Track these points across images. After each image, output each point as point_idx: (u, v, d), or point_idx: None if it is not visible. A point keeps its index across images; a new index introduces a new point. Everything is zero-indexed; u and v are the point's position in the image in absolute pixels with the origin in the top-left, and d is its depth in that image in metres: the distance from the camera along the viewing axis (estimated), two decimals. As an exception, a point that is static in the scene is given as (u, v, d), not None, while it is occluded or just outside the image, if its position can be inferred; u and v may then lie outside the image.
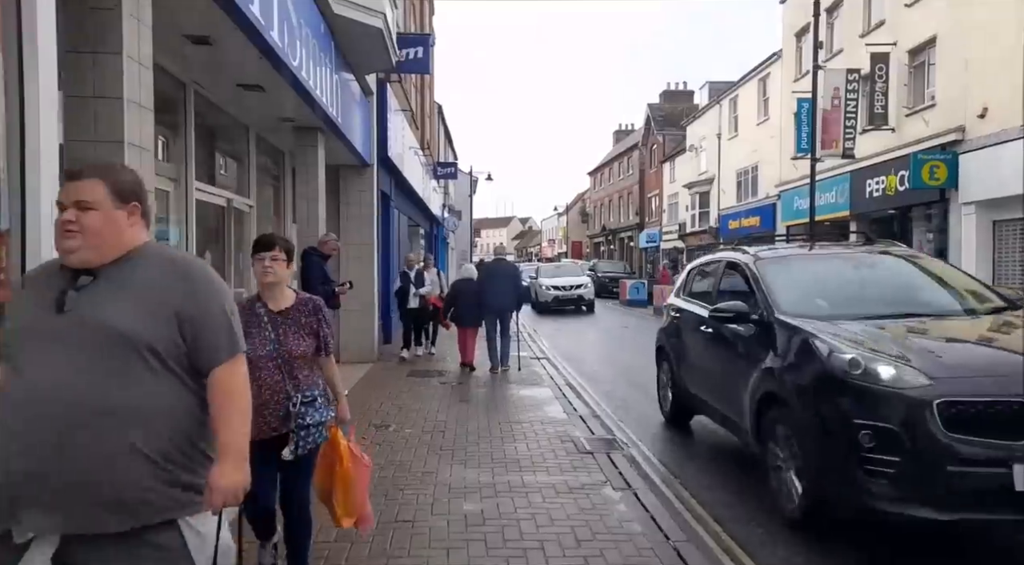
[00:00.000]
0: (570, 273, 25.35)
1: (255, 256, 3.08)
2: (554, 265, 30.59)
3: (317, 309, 3.17)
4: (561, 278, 24.18)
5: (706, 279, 6.56)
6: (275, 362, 3.01)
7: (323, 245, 7.70)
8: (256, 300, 3.13)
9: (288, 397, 3.01)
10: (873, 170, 18.41)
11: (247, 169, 7.77)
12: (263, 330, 3.03)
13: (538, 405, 7.64)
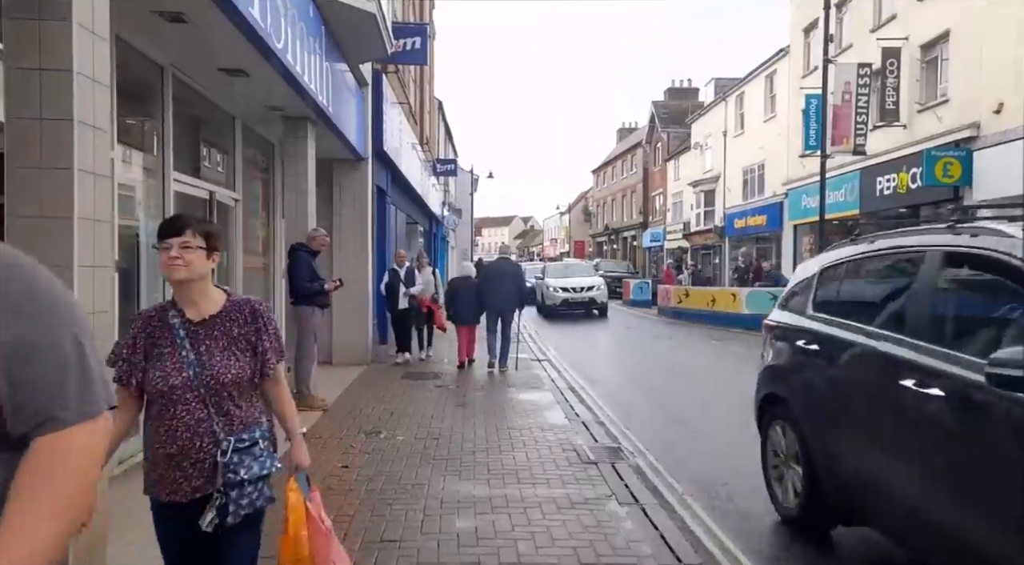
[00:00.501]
0: (580, 273, 22.83)
1: (160, 244, 2.17)
2: (563, 264, 28.18)
3: (256, 315, 2.26)
4: (571, 279, 21.53)
5: (871, 283, 4.08)
6: (196, 393, 2.14)
7: (312, 240, 7.32)
8: (169, 307, 2.22)
9: (216, 442, 2.15)
10: (884, 168, 17.99)
11: (233, 161, 7.39)
12: (178, 349, 2.16)
13: (538, 410, 7.25)
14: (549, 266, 24.72)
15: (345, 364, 10.21)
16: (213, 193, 6.60)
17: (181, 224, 2.20)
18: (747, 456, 5.68)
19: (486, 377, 9.52)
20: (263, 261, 8.55)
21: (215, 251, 2.25)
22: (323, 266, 10.44)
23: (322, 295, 7.24)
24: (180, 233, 2.17)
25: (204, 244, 2.19)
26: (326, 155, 10.00)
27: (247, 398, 2.26)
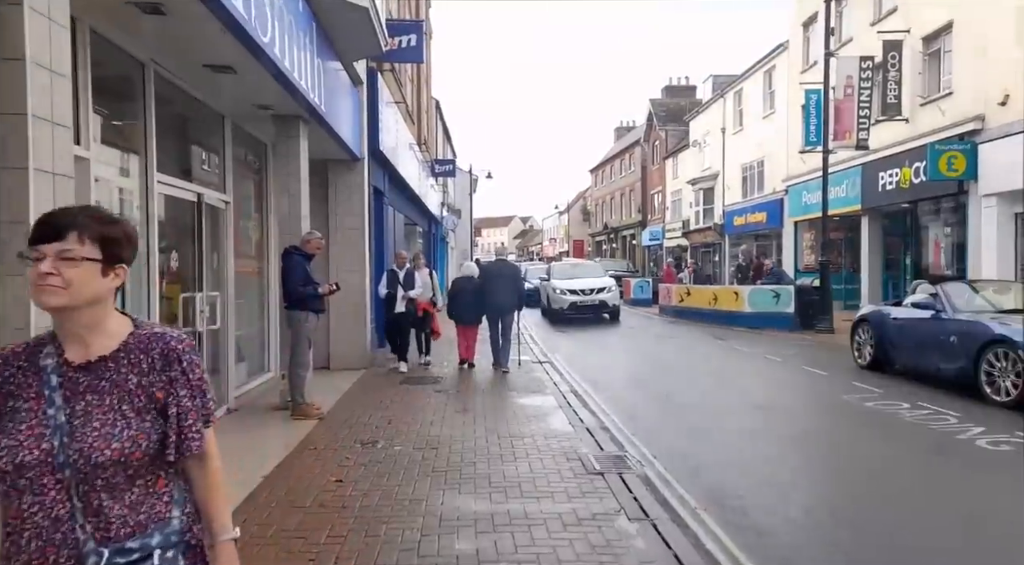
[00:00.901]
0: (590, 274, 20.41)
1: (28, 253, 1.42)
2: (570, 263, 25.48)
3: (171, 357, 1.50)
4: (580, 280, 19.24)
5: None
6: (56, 478, 1.39)
7: (306, 243, 7.08)
8: (46, 342, 1.49)
9: (79, 557, 1.39)
10: (886, 162, 17.76)
11: (222, 161, 7.15)
12: (44, 406, 1.42)
13: (541, 416, 7.01)
14: (555, 266, 21.87)
15: (343, 369, 9.97)
16: (201, 195, 6.36)
17: (60, 224, 1.42)
18: (761, 465, 5.48)
19: (487, 380, 9.28)
20: (256, 265, 8.31)
21: (118, 264, 1.47)
22: (319, 269, 10.23)
23: (316, 299, 7.00)
24: (59, 237, 1.40)
25: (98, 254, 1.43)
26: (320, 155, 9.75)
27: (143, 484, 1.46)
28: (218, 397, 6.97)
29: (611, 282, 19.36)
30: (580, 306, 18.38)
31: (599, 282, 19.12)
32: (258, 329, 8.58)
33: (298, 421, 6.75)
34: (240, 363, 8.02)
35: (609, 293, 18.67)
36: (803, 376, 8.92)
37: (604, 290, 18.70)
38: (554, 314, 18.75)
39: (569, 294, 18.40)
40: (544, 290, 19.93)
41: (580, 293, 18.44)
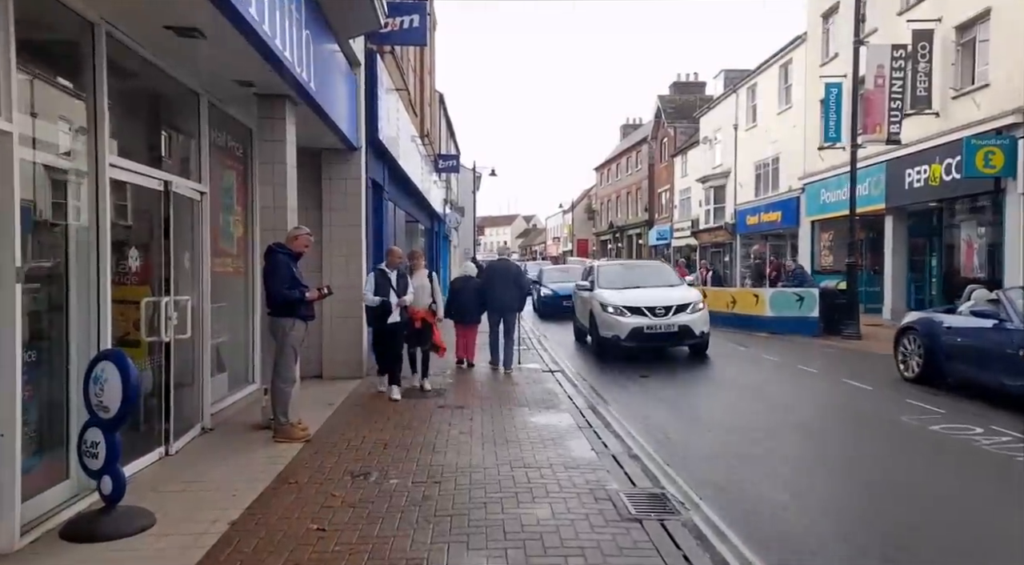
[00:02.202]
0: (656, 279, 13.12)
1: None
2: (619, 265, 17.83)
3: None
4: (644, 292, 12.11)
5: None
6: None
7: (292, 241, 6.21)
8: None
9: None
10: (914, 159, 16.85)
11: (197, 147, 6.28)
12: None
13: (558, 439, 6.14)
14: (602, 268, 14.07)
15: (337, 378, 9.12)
16: (169, 184, 5.48)
17: None
18: (831, 505, 4.57)
19: (493, 392, 8.41)
20: (238, 263, 7.44)
21: None
22: (311, 270, 9.37)
23: (304, 305, 6.12)
24: None
25: None
26: (314, 144, 8.90)
27: None
28: (189, 415, 6.11)
29: (694, 295, 12.11)
30: (650, 334, 11.20)
31: (676, 295, 11.84)
32: (242, 336, 7.71)
33: (281, 444, 5.88)
34: (220, 374, 7.16)
35: (694, 313, 11.40)
36: (847, 391, 7.95)
37: (687, 308, 11.39)
38: (605, 345, 11.61)
39: (630, 315, 11.32)
40: (584, 305, 13.03)
41: (648, 313, 11.28)
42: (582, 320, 13.25)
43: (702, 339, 11.53)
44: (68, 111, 4.41)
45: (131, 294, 5.16)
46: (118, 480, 3.95)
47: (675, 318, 11.26)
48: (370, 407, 7.56)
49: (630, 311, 11.37)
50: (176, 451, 5.57)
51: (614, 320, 11.39)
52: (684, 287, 12.99)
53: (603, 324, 11.58)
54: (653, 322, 11.24)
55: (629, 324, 11.23)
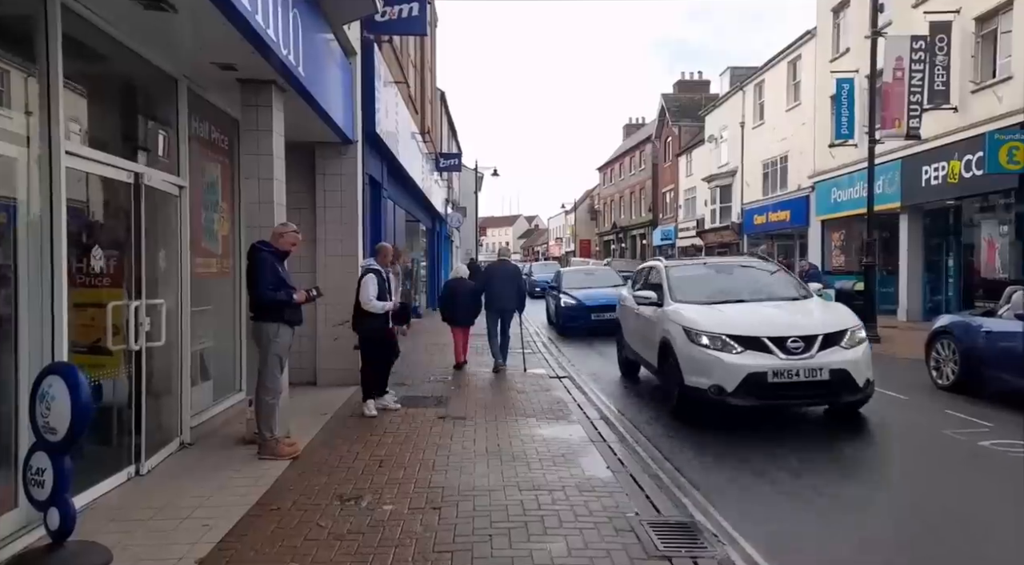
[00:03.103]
0: (766, 288, 8.07)
1: None
2: (702, 264, 9.73)
3: None
4: (757, 310, 7.30)
5: None
6: None
7: (278, 238, 5.67)
8: None
9: None
10: (931, 155, 16.31)
11: (175, 137, 5.76)
12: None
13: (571, 455, 5.60)
14: (675, 271, 8.52)
15: (332, 385, 8.59)
16: (140, 176, 4.96)
17: None
18: (888, 534, 4.01)
19: (499, 400, 7.87)
20: (224, 264, 6.91)
21: None
22: (304, 271, 8.85)
23: (291, 308, 5.59)
24: None
25: None
26: (306, 137, 8.40)
27: None
28: (167, 428, 5.58)
29: (844, 315, 7.36)
30: (780, 386, 6.53)
31: (817, 318, 7.23)
32: (229, 342, 7.19)
33: (265, 462, 5.35)
34: (204, 383, 6.64)
35: (852, 347, 6.79)
36: (880, 400, 7.27)
37: (839, 339, 6.81)
38: (691, 400, 6.95)
39: (741, 350, 6.61)
40: (645, 327, 8.41)
41: (775, 348, 6.59)
42: (639, 349, 8.62)
43: (865, 393, 6.67)
44: (16, 91, 3.88)
45: (104, 297, 4.65)
46: (67, 513, 3.42)
47: (822, 357, 6.43)
48: (366, 418, 7.02)
49: (741, 344, 6.51)
50: (149, 470, 5.05)
51: (713, 359, 6.53)
52: (819, 301, 7.80)
53: (691, 364, 6.70)
54: (785, 364, 6.39)
55: (742, 367, 6.36)
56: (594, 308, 14.65)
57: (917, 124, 15.48)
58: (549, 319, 17.73)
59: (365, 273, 7.33)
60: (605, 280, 16.75)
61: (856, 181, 19.89)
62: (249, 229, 6.05)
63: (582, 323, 14.80)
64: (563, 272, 18.75)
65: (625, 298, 9.79)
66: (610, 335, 10.87)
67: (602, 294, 14.82)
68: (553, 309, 16.86)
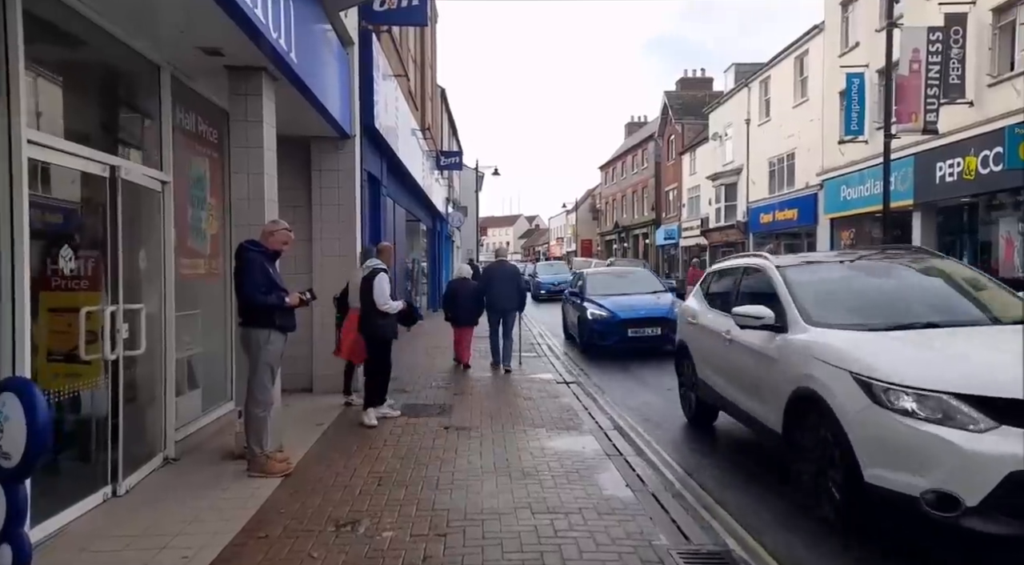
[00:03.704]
0: (954, 304, 5.03)
1: None
2: (854, 261, 5.83)
3: None
4: (977, 342, 4.30)
5: None
6: None
7: (268, 237, 5.25)
8: None
9: None
10: (945, 151, 15.87)
11: (157, 128, 5.34)
12: None
13: (585, 471, 5.18)
14: (795, 276, 5.37)
15: (328, 392, 8.17)
16: (116, 169, 4.54)
17: None
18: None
19: (505, 408, 7.45)
20: (213, 265, 6.50)
21: None
22: (300, 272, 8.43)
23: (283, 313, 5.17)
24: None
25: None
26: (301, 131, 7.99)
27: None
28: (149, 443, 5.17)
29: None
30: None
31: None
32: (219, 347, 6.77)
33: (255, 479, 4.94)
34: (192, 391, 6.24)
35: None
36: None
37: None
38: (890, 510, 3.78)
39: (996, 426, 3.44)
40: (775, 372, 4.88)
41: None
42: (737, 395, 5.70)
43: None
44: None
45: (81, 301, 4.23)
46: (21, 549, 2.98)
47: None
48: (365, 428, 6.60)
49: (990, 412, 3.54)
50: (127, 490, 4.63)
51: (931, 440, 3.57)
52: None
53: (876, 447, 3.81)
54: None
55: (999, 460, 3.40)
56: (631, 322, 11.69)
57: (934, 118, 15.03)
58: (567, 332, 14.36)
59: (375, 273, 6.90)
60: (642, 285, 13.42)
61: (867, 178, 19.46)
62: (238, 227, 5.63)
63: (615, 341, 11.71)
64: (587, 275, 14.31)
65: (696, 313, 6.92)
66: (650, 355, 9.54)
67: (640, 304, 12.04)
68: (575, 321, 13.24)
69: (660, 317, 11.58)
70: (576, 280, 14.80)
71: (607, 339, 11.81)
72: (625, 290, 12.98)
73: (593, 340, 12.04)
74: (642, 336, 11.55)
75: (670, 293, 13.42)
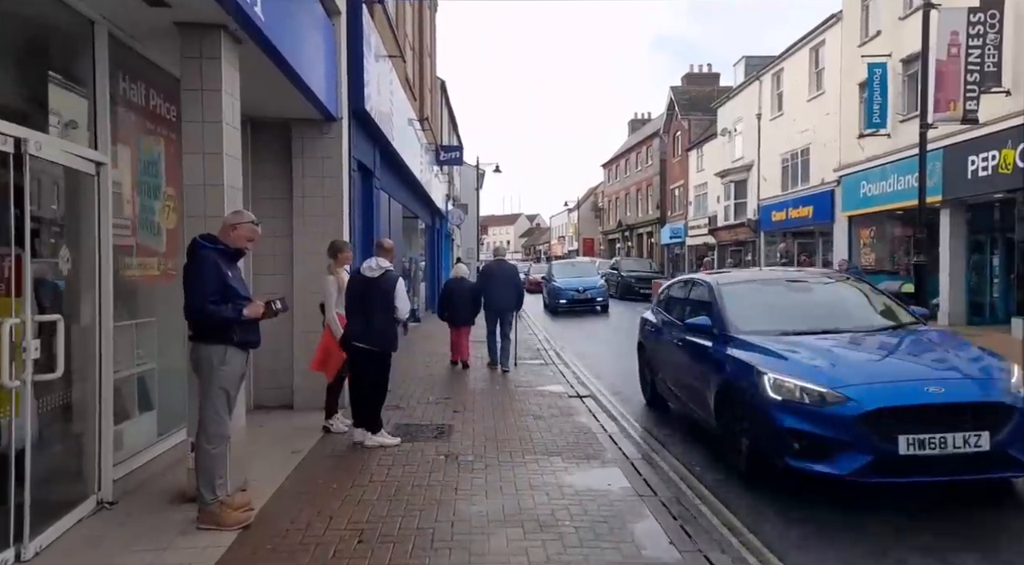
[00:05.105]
0: None
1: None
2: None
3: None
4: None
5: None
6: None
7: (229, 231, 4.24)
8: None
9: None
10: (978, 144, 14.87)
11: (92, 97, 4.35)
12: None
13: (616, 519, 4.19)
14: None
15: (313, 408, 7.16)
16: (23, 142, 3.55)
17: None
18: None
19: (511, 426, 6.46)
20: (169, 265, 5.51)
21: None
22: (278, 272, 7.46)
23: (243, 325, 4.16)
24: None
25: None
26: (280, 112, 7.04)
27: None
28: (74, 488, 4.18)
29: None
30: None
31: None
32: (180, 360, 5.75)
33: (204, 534, 3.95)
34: (144, 414, 5.27)
35: None
36: None
37: None
38: None
39: None
40: None
41: None
42: None
43: None
44: None
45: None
46: None
47: None
48: (349, 458, 5.62)
49: None
50: (37, 551, 3.63)
51: None
52: None
53: None
54: None
55: None
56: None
57: (974, 106, 14.00)
58: (653, 394, 8.14)
59: (396, 277, 5.97)
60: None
61: (889, 173, 18.48)
62: (191, 219, 4.63)
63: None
64: (721, 287, 6.31)
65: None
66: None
67: None
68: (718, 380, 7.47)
69: None
70: (713, 295, 6.51)
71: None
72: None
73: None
74: None
75: None
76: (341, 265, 6.53)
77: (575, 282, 21.83)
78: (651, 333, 7.90)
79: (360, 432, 5.98)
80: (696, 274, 8.29)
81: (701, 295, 6.71)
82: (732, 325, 5.81)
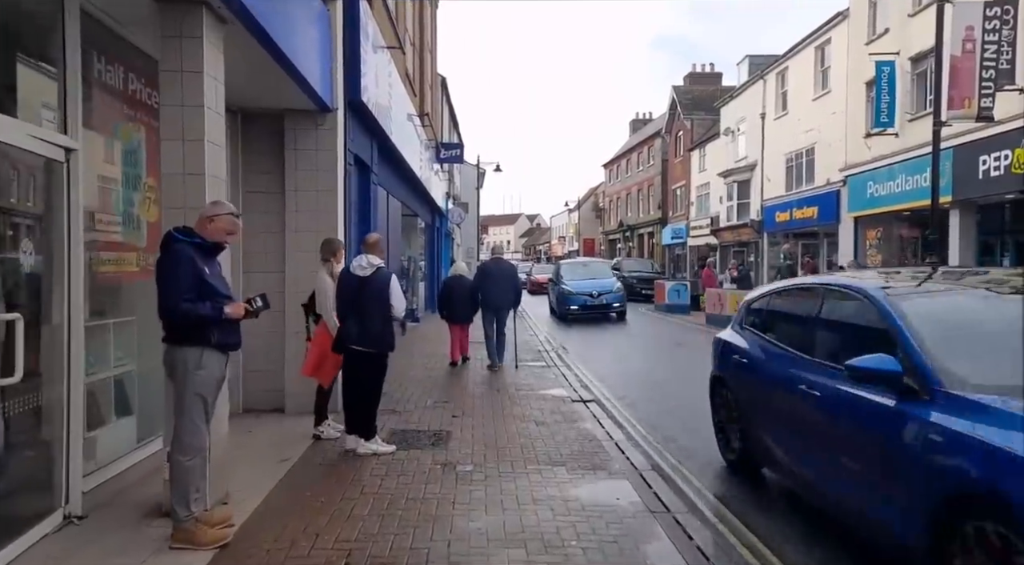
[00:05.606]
0: None
1: None
2: None
3: None
4: None
5: None
6: None
7: (206, 223, 3.91)
8: None
9: None
10: (990, 143, 14.53)
11: (61, 79, 4.02)
12: None
13: (625, 542, 3.86)
14: None
15: (304, 413, 6.82)
16: (-21, 124, 3.23)
17: None
18: None
19: (511, 433, 6.13)
20: (149, 260, 5.17)
21: None
22: (269, 270, 7.14)
23: (221, 326, 3.83)
24: None
25: None
26: (272, 102, 6.72)
27: None
28: (37, 503, 3.85)
29: None
30: None
31: None
32: (160, 363, 5.45)
33: (179, 554, 3.62)
34: (121, 419, 4.94)
35: None
36: None
37: None
38: None
39: None
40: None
41: None
42: None
43: None
44: None
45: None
46: None
47: None
48: (339, 467, 5.29)
49: None
50: (-6, 574, 3.32)
51: None
52: None
53: None
54: None
55: None
56: None
57: (990, 103, 13.63)
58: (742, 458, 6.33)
59: (389, 274, 5.64)
60: None
61: (897, 173, 18.15)
62: (170, 211, 4.29)
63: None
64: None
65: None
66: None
67: None
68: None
69: None
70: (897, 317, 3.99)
71: None
72: None
73: None
74: None
75: None
76: (339, 262, 6.20)
77: (587, 285, 19.15)
78: (742, 366, 5.31)
79: (353, 439, 5.65)
80: (828, 276, 5.60)
81: (852, 315, 4.13)
82: (946, 373, 3.24)
